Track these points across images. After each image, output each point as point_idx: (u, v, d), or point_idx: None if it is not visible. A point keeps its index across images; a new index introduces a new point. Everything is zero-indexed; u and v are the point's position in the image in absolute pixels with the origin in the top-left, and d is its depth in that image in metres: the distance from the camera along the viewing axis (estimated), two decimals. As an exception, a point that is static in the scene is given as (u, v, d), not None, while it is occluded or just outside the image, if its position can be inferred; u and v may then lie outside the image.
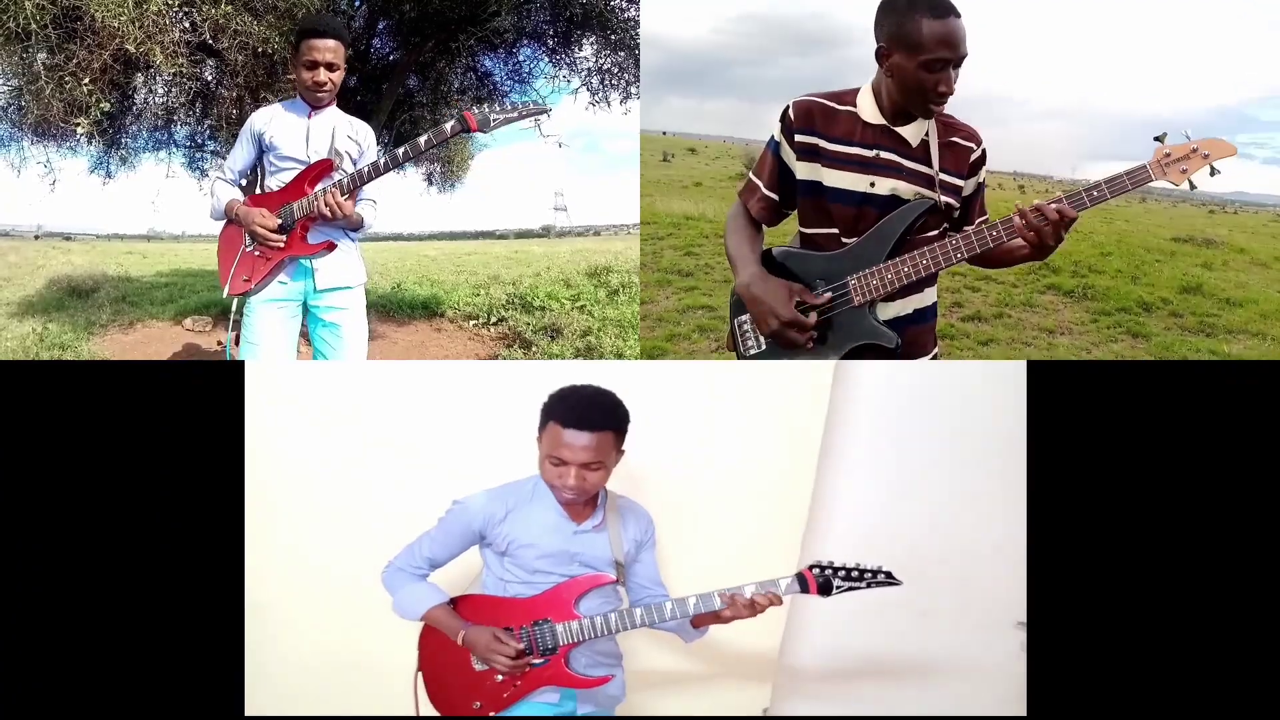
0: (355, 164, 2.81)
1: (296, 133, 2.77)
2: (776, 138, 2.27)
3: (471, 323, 6.46)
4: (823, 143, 2.19)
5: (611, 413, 2.03)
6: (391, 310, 6.91)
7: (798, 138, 2.21)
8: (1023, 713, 2.45)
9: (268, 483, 2.62)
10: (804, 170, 2.22)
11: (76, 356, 4.92)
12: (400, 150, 2.60)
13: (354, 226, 2.83)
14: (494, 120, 2.48)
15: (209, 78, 4.74)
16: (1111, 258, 8.98)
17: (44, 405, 2.45)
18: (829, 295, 2.19)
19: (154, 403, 2.48)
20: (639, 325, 5.75)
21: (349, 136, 2.81)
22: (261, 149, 2.82)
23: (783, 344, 2.22)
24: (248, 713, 2.44)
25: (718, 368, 2.79)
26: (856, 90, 2.19)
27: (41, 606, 2.37)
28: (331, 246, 2.77)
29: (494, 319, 6.41)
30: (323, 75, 2.70)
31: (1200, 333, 6.68)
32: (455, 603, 2.16)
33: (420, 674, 2.22)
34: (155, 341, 5.48)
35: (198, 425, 2.48)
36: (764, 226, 2.36)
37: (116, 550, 2.40)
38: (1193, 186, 2.04)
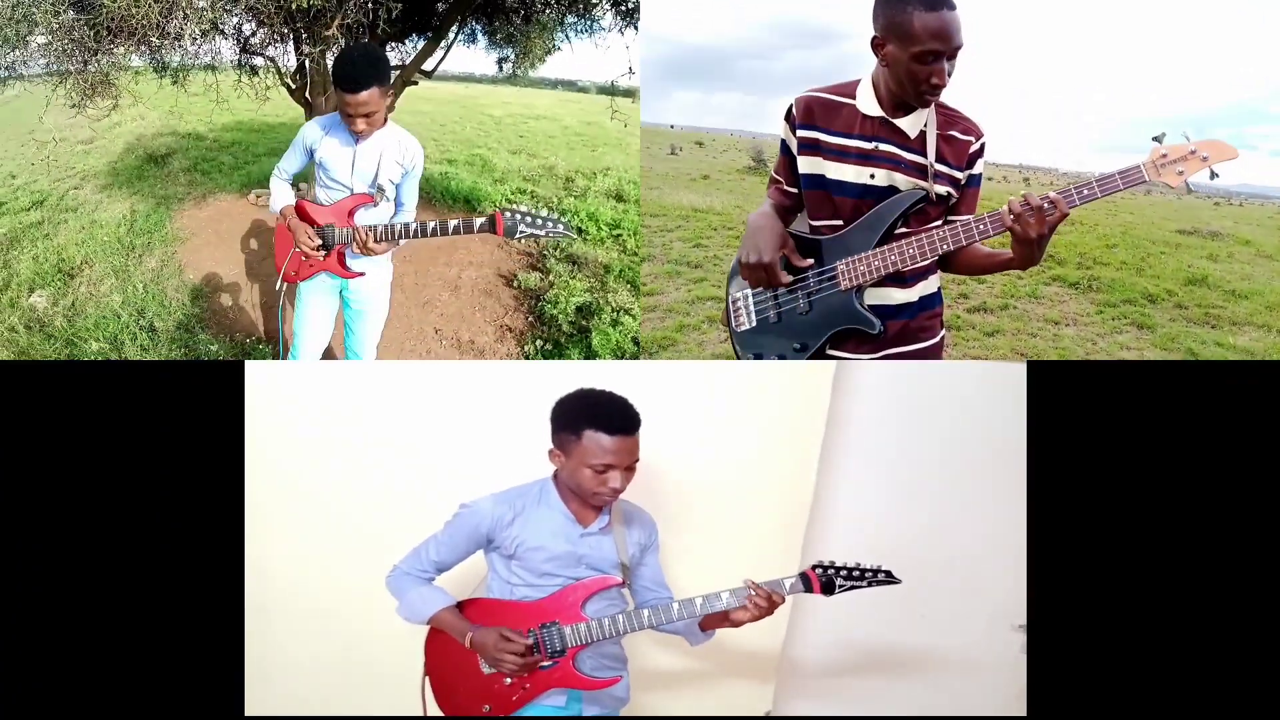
0: (399, 188, 2.97)
1: (343, 158, 2.88)
2: (784, 135, 2.31)
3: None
4: (824, 136, 2.21)
5: (637, 414, 2.06)
6: (434, 198, 6.84)
7: (799, 133, 2.25)
8: (1023, 713, 2.45)
9: (268, 483, 2.62)
10: (807, 164, 2.25)
11: (163, 241, 5.39)
12: (431, 224, 2.79)
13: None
14: (521, 233, 2.69)
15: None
16: (1116, 250, 8.93)
17: (44, 405, 2.45)
18: (810, 262, 2.26)
19: (154, 403, 2.48)
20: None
21: (396, 162, 2.91)
22: (313, 158, 2.96)
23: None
24: (248, 713, 2.44)
25: (719, 368, 2.79)
26: (857, 82, 2.21)
27: (42, 606, 2.38)
28: (362, 274, 3.00)
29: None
30: (360, 125, 2.76)
31: (1205, 324, 6.65)
32: (462, 607, 2.16)
33: (427, 678, 2.22)
34: (226, 217, 5.84)
35: (198, 425, 2.49)
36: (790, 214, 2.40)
37: (116, 551, 2.41)
38: (1189, 190, 2.01)
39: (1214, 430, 2.42)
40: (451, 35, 4.62)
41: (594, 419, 2.02)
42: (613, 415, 2.03)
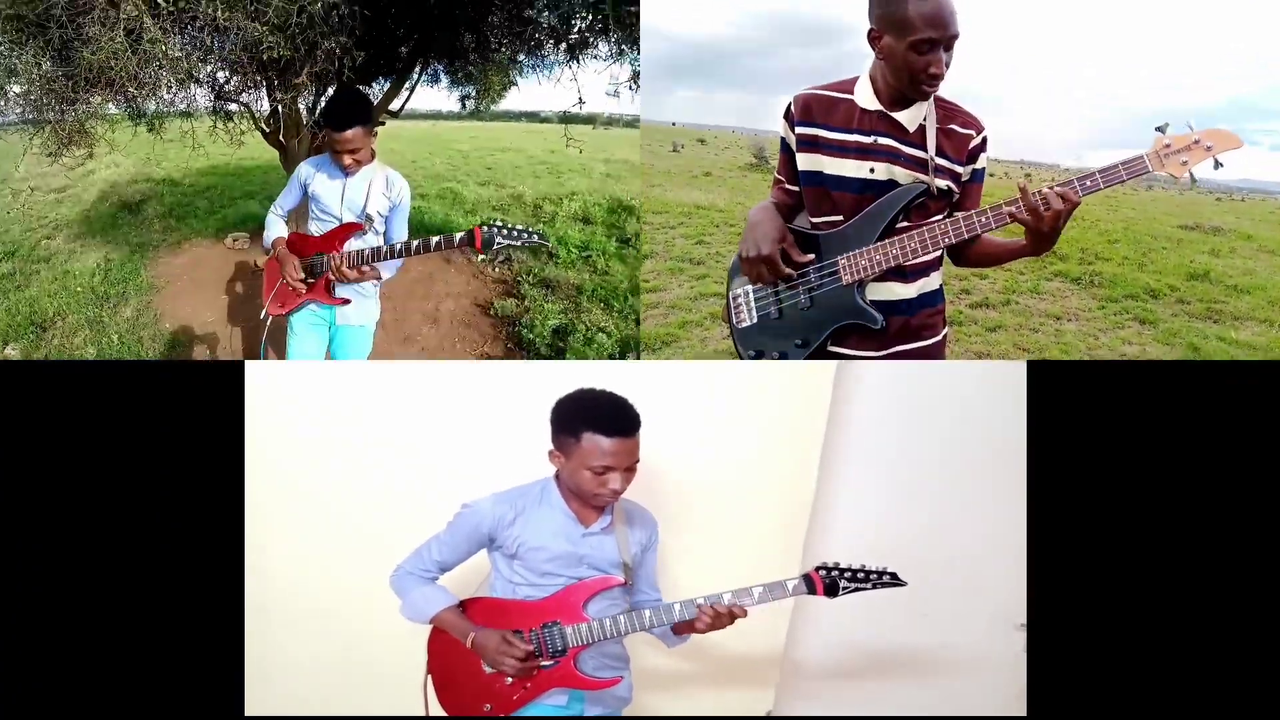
0: (387, 220, 3.08)
1: (333, 190, 3.02)
2: (783, 133, 2.30)
3: (480, 257, 6.34)
4: (822, 133, 2.21)
5: (637, 415, 2.05)
6: (408, 232, 6.86)
7: (798, 130, 2.24)
8: (1023, 713, 2.45)
9: (268, 483, 2.62)
10: (806, 161, 2.25)
11: (138, 290, 5.38)
12: (415, 242, 2.91)
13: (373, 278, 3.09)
14: (498, 244, 2.82)
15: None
16: (1118, 245, 8.94)
17: (44, 405, 2.45)
18: (810, 257, 2.25)
19: (154, 403, 2.48)
20: (629, 303, 5.71)
21: (383, 194, 3.05)
22: (307, 194, 3.09)
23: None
24: (248, 713, 2.44)
25: (719, 368, 2.78)
26: (855, 79, 2.20)
27: (42, 606, 2.38)
28: (347, 302, 3.06)
29: (500, 257, 6.33)
30: (348, 160, 2.93)
31: (1207, 319, 6.65)
32: (464, 605, 2.16)
33: (429, 676, 2.22)
34: (203, 264, 5.84)
35: (198, 425, 2.48)
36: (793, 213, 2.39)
37: (116, 551, 2.41)
38: (1193, 180, 1.99)
39: (1215, 430, 2.41)
40: (415, 76, 4.71)
41: (592, 421, 2.01)
42: (611, 417, 2.02)
